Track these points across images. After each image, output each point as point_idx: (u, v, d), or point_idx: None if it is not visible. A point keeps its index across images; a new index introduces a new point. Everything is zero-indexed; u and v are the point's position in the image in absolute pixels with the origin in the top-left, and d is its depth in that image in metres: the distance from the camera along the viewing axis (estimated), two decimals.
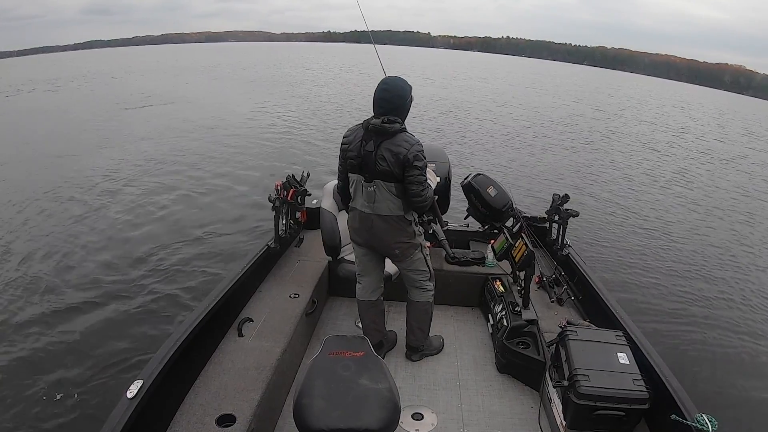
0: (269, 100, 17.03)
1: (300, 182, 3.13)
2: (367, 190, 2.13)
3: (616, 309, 2.35)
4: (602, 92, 34.29)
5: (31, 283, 4.39)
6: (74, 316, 3.89)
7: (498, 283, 2.86)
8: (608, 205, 7.59)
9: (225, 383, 1.93)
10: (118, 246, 5.22)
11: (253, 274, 2.62)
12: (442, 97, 19.92)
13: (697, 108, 31.96)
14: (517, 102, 21.20)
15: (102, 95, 18.90)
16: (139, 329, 3.73)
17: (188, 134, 11.17)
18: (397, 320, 2.87)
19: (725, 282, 5.27)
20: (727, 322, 4.43)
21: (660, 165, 11.03)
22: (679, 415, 1.67)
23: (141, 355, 3.34)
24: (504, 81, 35.47)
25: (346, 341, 1.67)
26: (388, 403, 1.42)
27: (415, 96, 2.18)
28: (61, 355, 3.42)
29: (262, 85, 22.93)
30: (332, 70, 34.65)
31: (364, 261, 2.37)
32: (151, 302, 4.12)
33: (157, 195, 6.91)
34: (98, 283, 4.42)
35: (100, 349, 3.49)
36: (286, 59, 48.06)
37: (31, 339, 3.60)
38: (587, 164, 10.29)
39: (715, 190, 9.33)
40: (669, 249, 6.02)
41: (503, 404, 2.31)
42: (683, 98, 41.75)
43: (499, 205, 2.73)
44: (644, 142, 13.89)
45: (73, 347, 3.51)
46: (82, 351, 3.47)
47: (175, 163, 8.68)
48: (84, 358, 3.39)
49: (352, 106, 16.09)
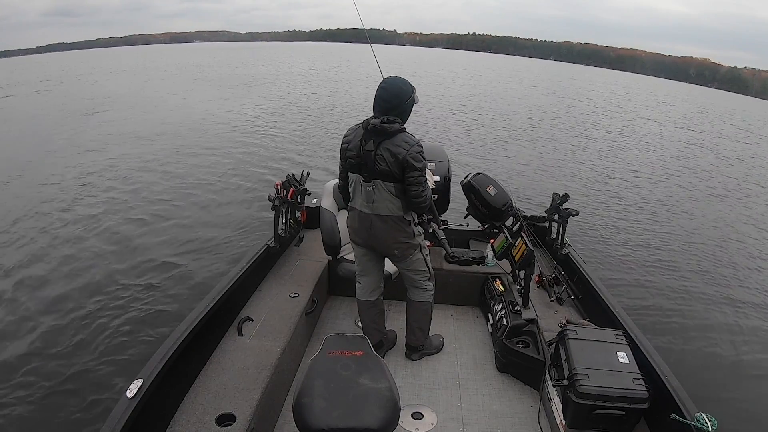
0: (266, 102, 17.06)
1: (300, 181, 3.12)
2: (366, 190, 2.13)
3: (615, 308, 2.35)
4: (580, 86, 34.86)
5: (30, 283, 4.39)
6: (73, 316, 3.89)
7: (498, 283, 2.86)
8: (608, 204, 7.59)
9: (225, 383, 1.93)
10: (117, 246, 5.21)
11: (252, 273, 2.62)
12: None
13: (681, 104, 32.51)
14: (511, 101, 21.27)
15: (97, 95, 18.88)
16: (139, 329, 3.73)
17: (187, 134, 11.17)
18: (396, 320, 2.87)
19: (726, 281, 5.26)
20: (727, 322, 4.43)
21: (659, 165, 11.04)
22: (679, 414, 1.67)
23: (141, 354, 3.34)
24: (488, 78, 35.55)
25: (346, 341, 1.67)
26: (388, 403, 1.42)
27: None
28: (60, 355, 3.41)
29: (257, 86, 22.93)
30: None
31: (363, 261, 2.37)
32: (150, 302, 4.11)
33: (157, 195, 6.90)
34: (98, 283, 4.42)
35: (100, 348, 3.49)
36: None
37: (31, 339, 3.59)
38: (587, 164, 10.31)
39: (716, 190, 9.34)
40: (669, 248, 6.02)
41: (503, 403, 2.31)
42: (665, 93, 42.44)
43: (498, 204, 2.73)
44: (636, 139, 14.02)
45: (72, 347, 3.51)
46: (82, 351, 3.46)
47: (175, 162, 8.67)
48: (84, 357, 3.39)
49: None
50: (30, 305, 4.05)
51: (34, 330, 3.70)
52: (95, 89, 20.93)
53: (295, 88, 21.80)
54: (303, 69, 34.12)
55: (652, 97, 34.60)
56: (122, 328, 3.72)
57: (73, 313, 3.92)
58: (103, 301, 4.10)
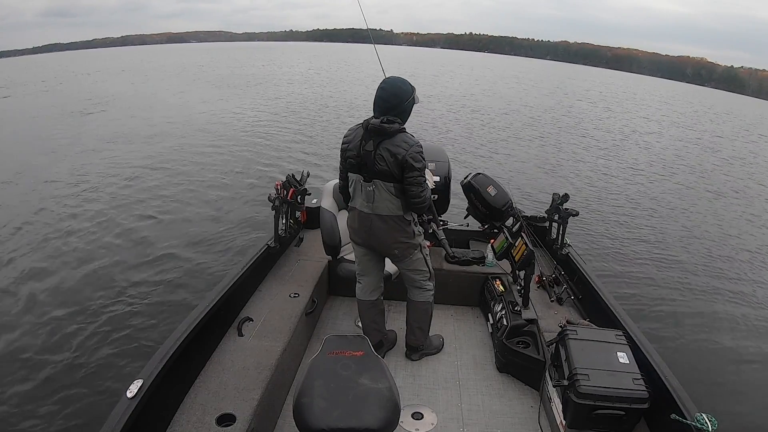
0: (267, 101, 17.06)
1: (300, 182, 3.12)
2: (366, 190, 2.13)
3: (615, 308, 2.35)
4: (582, 87, 34.99)
5: (30, 284, 4.39)
6: (73, 316, 3.89)
7: (498, 283, 2.86)
8: (608, 204, 7.59)
9: (225, 383, 1.93)
10: (116, 246, 5.21)
11: (252, 273, 2.62)
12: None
13: (680, 103, 32.65)
14: (509, 100, 21.29)
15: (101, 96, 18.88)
16: (139, 329, 3.73)
17: (186, 134, 11.17)
18: (397, 320, 2.87)
19: (726, 281, 5.27)
20: (727, 321, 4.44)
21: (659, 164, 11.04)
22: (679, 414, 1.67)
23: (141, 354, 3.34)
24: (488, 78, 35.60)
25: (346, 341, 1.67)
26: (388, 403, 1.42)
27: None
28: (60, 355, 3.41)
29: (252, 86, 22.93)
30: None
31: (363, 261, 2.37)
32: (150, 302, 4.11)
33: (156, 195, 6.90)
34: (98, 283, 4.42)
35: (100, 348, 3.49)
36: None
37: (30, 339, 3.59)
38: (587, 163, 10.32)
39: (716, 189, 9.34)
40: (669, 248, 6.02)
41: (503, 403, 2.31)
42: (664, 93, 42.57)
43: (499, 204, 2.73)
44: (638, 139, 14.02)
45: (72, 347, 3.51)
46: (82, 351, 3.46)
47: (174, 163, 8.67)
48: (84, 357, 3.39)
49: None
50: (30, 306, 4.05)
51: (33, 330, 3.70)
52: (95, 89, 20.93)
53: (294, 88, 21.81)
54: (302, 69, 34.17)
55: (651, 97, 34.80)
56: (122, 328, 3.73)
57: (73, 313, 3.92)
58: (103, 301, 4.10)
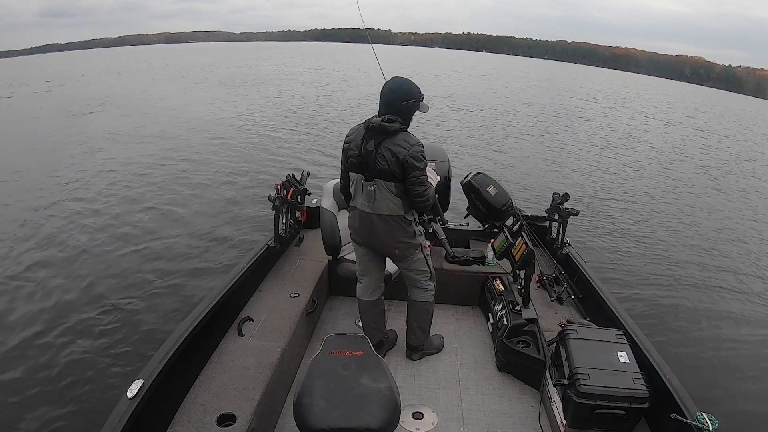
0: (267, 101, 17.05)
1: (300, 181, 3.12)
2: (367, 189, 2.13)
3: (616, 308, 2.35)
4: (579, 86, 35.02)
5: (29, 284, 4.39)
6: (74, 316, 3.88)
7: (498, 282, 2.86)
8: (608, 204, 7.59)
9: (225, 383, 1.93)
10: (116, 246, 5.21)
11: (253, 273, 2.61)
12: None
13: (679, 103, 32.69)
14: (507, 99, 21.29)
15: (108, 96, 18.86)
16: (139, 329, 3.73)
17: (186, 134, 11.17)
18: (397, 319, 2.87)
19: (726, 281, 5.27)
20: (727, 321, 4.44)
21: (660, 164, 11.04)
22: (679, 413, 1.67)
23: (141, 354, 3.34)
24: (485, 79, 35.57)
25: (347, 340, 1.67)
26: (389, 403, 1.42)
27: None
28: (60, 355, 3.41)
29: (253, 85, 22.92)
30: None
31: (364, 260, 2.37)
32: (150, 302, 4.11)
33: (155, 195, 6.90)
34: (98, 283, 4.42)
35: (101, 348, 3.49)
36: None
37: (30, 339, 3.59)
38: (587, 162, 10.32)
39: (717, 189, 9.34)
40: (669, 248, 6.02)
41: (503, 403, 2.31)
42: (663, 92, 42.63)
43: (499, 204, 2.73)
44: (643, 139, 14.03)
45: (72, 347, 3.50)
46: (82, 351, 3.46)
47: (174, 163, 8.67)
48: (84, 357, 3.39)
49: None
50: (30, 306, 4.04)
51: (33, 330, 3.69)
52: (93, 89, 20.91)
53: (293, 87, 21.79)
54: (301, 69, 34.13)
55: (650, 96, 34.75)
56: (122, 328, 3.72)
57: (74, 314, 3.92)
58: (103, 302, 4.10)
